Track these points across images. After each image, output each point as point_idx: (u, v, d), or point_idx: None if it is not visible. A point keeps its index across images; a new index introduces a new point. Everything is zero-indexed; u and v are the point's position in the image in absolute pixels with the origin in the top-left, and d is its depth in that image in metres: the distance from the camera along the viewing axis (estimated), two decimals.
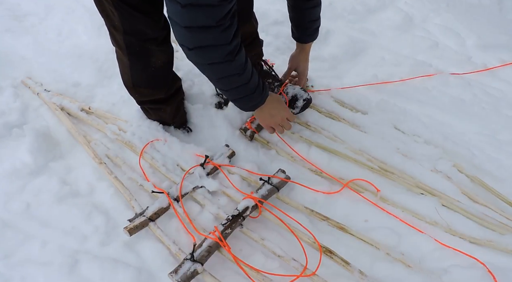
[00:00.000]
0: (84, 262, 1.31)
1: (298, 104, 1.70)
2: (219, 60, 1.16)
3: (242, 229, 1.36)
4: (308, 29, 1.61)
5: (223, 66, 1.18)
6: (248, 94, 1.32)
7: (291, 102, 1.70)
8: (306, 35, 1.64)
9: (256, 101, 1.39)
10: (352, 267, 1.23)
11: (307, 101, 1.70)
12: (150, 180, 1.52)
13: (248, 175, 1.54)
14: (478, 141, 1.69)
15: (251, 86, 1.30)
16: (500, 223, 1.37)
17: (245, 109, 1.43)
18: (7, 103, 1.85)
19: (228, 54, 1.15)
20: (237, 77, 1.23)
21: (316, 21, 1.59)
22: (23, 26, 2.45)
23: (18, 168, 1.57)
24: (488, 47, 2.25)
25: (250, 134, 1.71)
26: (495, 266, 1.24)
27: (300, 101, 1.70)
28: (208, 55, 1.15)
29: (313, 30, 1.62)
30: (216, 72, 1.23)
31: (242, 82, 1.26)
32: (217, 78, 1.25)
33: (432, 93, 1.93)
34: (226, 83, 1.27)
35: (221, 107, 1.81)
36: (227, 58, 1.15)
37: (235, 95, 1.33)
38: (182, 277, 1.20)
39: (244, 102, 1.37)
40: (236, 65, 1.20)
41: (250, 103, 1.39)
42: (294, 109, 1.71)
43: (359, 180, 1.51)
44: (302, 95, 1.70)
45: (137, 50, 1.43)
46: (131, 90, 1.60)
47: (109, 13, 1.34)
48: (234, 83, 1.26)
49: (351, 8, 2.54)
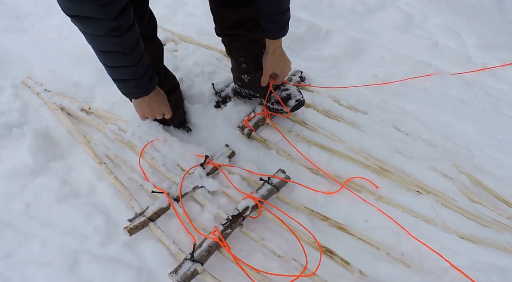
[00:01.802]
0: (84, 262, 1.31)
1: (290, 103, 1.68)
2: (102, 33, 1.12)
3: (242, 229, 1.36)
4: (276, 22, 1.45)
5: (106, 39, 1.15)
6: (132, 79, 1.30)
7: (283, 100, 1.69)
8: (274, 29, 1.47)
9: (139, 89, 1.36)
10: (352, 267, 1.23)
11: (299, 103, 1.68)
12: (150, 180, 1.52)
13: (248, 175, 1.54)
14: (478, 141, 1.69)
15: (138, 72, 1.27)
16: (498, 221, 1.38)
17: (127, 95, 1.40)
18: (7, 103, 1.85)
19: (112, 29, 1.11)
20: (121, 56, 1.20)
21: (284, 14, 1.43)
22: (23, 26, 2.45)
23: (18, 168, 1.57)
24: (488, 47, 2.25)
25: (247, 132, 1.71)
26: (495, 266, 1.24)
27: (293, 101, 1.68)
28: (89, 25, 1.11)
29: (282, 24, 1.46)
30: (98, 43, 1.19)
31: (127, 63, 1.23)
32: (99, 50, 1.21)
33: (432, 93, 1.93)
34: (110, 58, 1.23)
35: (219, 106, 1.82)
36: (111, 33, 1.12)
37: (118, 75, 1.30)
38: (182, 277, 1.20)
39: (127, 86, 1.34)
40: (122, 42, 1.16)
41: (133, 90, 1.37)
42: (284, 108, 1.70)
43: (358, 178, 1.51)
44: (295, 95, 1.69)
45: None
46: None
47: None
48: (118, 61, 1.23)
49: (351, 8, 2.54)
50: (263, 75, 1.63)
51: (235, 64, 1.74)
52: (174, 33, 2.27)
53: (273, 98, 1.71)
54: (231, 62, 1.78)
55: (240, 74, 1.74)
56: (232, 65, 1.78)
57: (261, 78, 1.64)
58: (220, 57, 2.10)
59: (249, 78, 1.73)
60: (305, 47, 2.22)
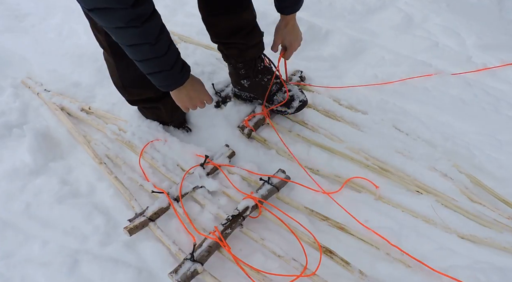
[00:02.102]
0: (84, 262, 1.31)
1: (293, 105, 1.68)
2: (122, 24, 1.09)
3: (242, 229, 1.36)
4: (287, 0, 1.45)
5: (129, 31, 1.12)
6: (164, 70, 1.27)
7: (287, 101, 1.69)
8: (287, 6, 1.47)
9: (173, 80, 1.33)
10: (352, 267, 1.23)
11: (303, 103, 1.69)
12: (150, 180, 1.53)
13: (248, 175, 1.54)
14: (478, 141, 1.69)
15: (168, 62, 1.25)
16: (498, 221, 1.38)
17: (163, 87, 1.36)
18: (7, 103, 1.86)
19: (132, 19, 1.08)
20: (148, 47, 1.17)
21: None
22: (23, 26, 2.45)
23: (18, 168, 1.57)
24: (488, 47, 2.25)
25: (247, 132, 1.71)
26: (495, 266, 1.24)
27: (296, 101, 1.68)
28: (108, 18, 1.09)
29: (295, 1, 1.45)
30: (123, 37, 1.16)
31: (155, 54, 1.21)
32: (126, 44, 1.18)
33: (432, 93, 1.93)
34: (137, 52, 1.20)
35: (219, 106, 1.81)
36: (132, 23, 1.09)
37: (150, 69, 1.27)
38: (182, 277, 1.20)
39: (161, 78, 1.31)
40: (144, 33, 1.13)
41: (167, 81, 1.33)
42: (289, 109, 1.70)
43: (358, 178, 1.51)
44: (299, 96, 1.69)
45: (120, 50, 1.42)
46: (122, 90, 1.61)
47: None
48: (146, 54, 1.20)
49: (351, 8, 2.54)
50: (272, 44, 1.61)
51: (232, 70, 1.73)
52: (174, 33, 2.27)
53: (275, 100, 1.71)
54: (229, 68, 1.77)
55: (239, 79, 1.73)
56: (230, 70, 1.77)
57: (271, 46, 1.62)
58: (220, 57, 2.09)
59: (249, 83, 1.73)
60: (305, 47, 2.21)
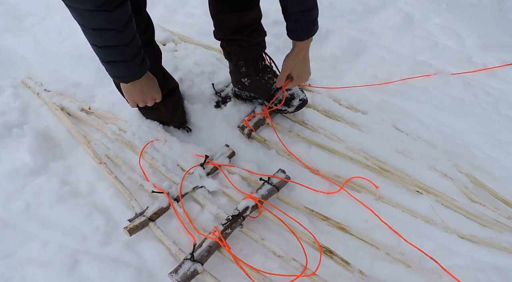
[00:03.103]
0: (84, 262, 1.31)
1: (294, 103, 1.68)
2: (93, 7, 1.07)
3: (242, 229, 1.36)
4: (299, 21, 1.35)
5: (98, 15, 1.10)
6: (125, 60, 1.24)
7: (287, 100, 1.69)
8: (298, 29, 1.39)
9: (132, 71, 1.30)
10: (352, 267, 1.23)
11: (303, 102, 1.69)
12: (150, 180, 1.53)
13: (248, 175, 1.54)
14: (478, 140, 1.69)
15: (130, 52, 1.22)
16: (498, 221, 1.38)
17: (118, 78, 1.33)
18: (7, 103, 1.85)
19: (104, 3, 1.06)
20: (113, 34, 1.15)
21: (309, 12, 1.32)
22: (23, 26, 2.45)
23: (18, 168, 1.57)
24: (488, 47, 2.25)
25: (247, 132, 1.71)
26: (495, 266, 1.24)
27: (296, 100, 1.68)
28: None
29: (307, 24, 1.36)
30: (89, 20, 1.13)
31: (119, 42, 1.18)
32: (90, 27, 1.14)
33: (432, 93, 1.93)
34: (100, 37, 1.17)
35: (219, 106, 1.82)
36: (103, 7, 1.07)
37: (110, 56, 1.23)
38: (182, 277, 1.20)
39: (118, 69, 1.28)
40: (113, 18, 1.11)
41: (125, 72, 1.30)
42: (289, 108, 1.70)
43: (358, 177, 1.51)
44: (299, 94, 1.69)
45: None
46: None
47: None
48: (110, 40, 1.17)
49: (351, 8, 2.54)
50: (280, 75, 1.56)
51: (233, 68, 1.73)
52: (174, 33, 2.27)
53: (276, 100, 1.70)
54: (229, 66, 1.76)
55: (240, 77, 1.72)
56: (231, 68, 1.76)
57: (278, 78, 1.58)
58: (220, 57, 2.10)
59: (249, 82, 1.72)
60: None
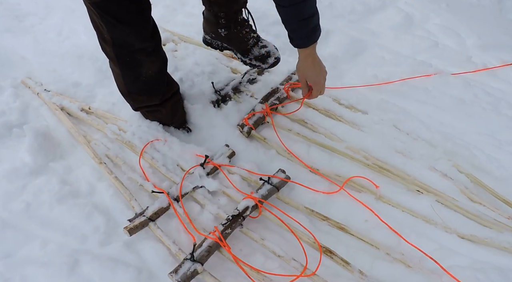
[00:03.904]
0: (84, 262, 1.31)
1: (269, 61, 1.72)
2: None
3: (242, 229, 1.36)
4: (299, 30, 1.34)
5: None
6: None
7: (262, 57, 1.71)
8: (299, 37, 1.37)
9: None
10: (352, 267, 1.23)
11: (277, 60, 1.73)
12: (150, 180, 1.53)
13: (248, 175, 1.54)
14: (478, 140, 1.69)
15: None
16: (498, 221, 1.38)
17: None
18: (7, 103, 1.86)
19: None
20: None
21: (307, 21, 1.30)
22: (23, 26, 2.45)
23: (18, 168, 1.57)
24: (488, 47, 2.25)
25: (247, 130, 1.71)
26: (495, 266, 1.24)
27: (272, 58, 1.72)
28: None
29: (308, 32, 1.34)
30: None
31: None
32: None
33: (432, 93, 1.93)
34: None
35: (218, 105, 1.82)
36: None
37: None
38: (182, 277, 1.20)
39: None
40: None
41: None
42: (263, 64, 1.73)
43: (358, 177, 1.51)
44: (274, 52, 1.73)
45: (127, 61, 1.46)
46: (127, 97, 1.63)
47: (99, 26, 1.39)
48: None
49: (351, 8, 2.53)
50: (302, 87, 1.54)
51: (212, 17, 1.67)
52: (174, 33, 2.27)
53: (251, 55, 1.73)
54: (207, 15, 1.71)
55: (217, 28, 1.70)
56: (208, 17, 1.71)
57: (301, 90, 1.58)
58: (220, 57, 2.10)
59: (226, 33, 1.71)
60: None
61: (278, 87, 1.87)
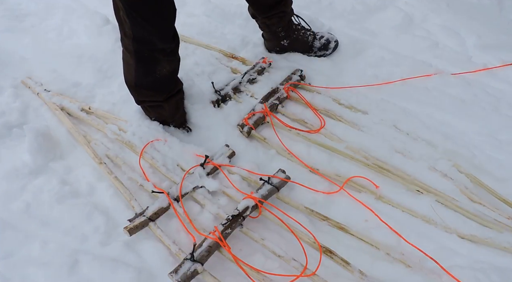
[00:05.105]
0: (84, 262, 1.31)
1: (330, 46, 2.03)
2: None
3: (242, 229, 1.36)
4: None
5: None
6: None
7: (324, 46, 2.01)
8: None
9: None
10: (352, 267, 1.23)
11: (337, 43, 2.04)
12: (150, 180, 1.53)
13: (248, 175, 1.54)
14: (478, 140, 1.69)
15: None
16: (498, 221, 1.38)
17: None
18: (7, 103, 1.86)
19: None
20: None
21: None
22: (23, 26, 2.45)
23: (18, 168, 1.57)
24: (488, 47, 2.24)
25: (247, 130, 1.71)
26: (495, 266, 1.24)
27: (332, 43, 2.02)
28: None
29: None
30: None
31: None
32: None
33: (432, 93, 1.93)
34: None
35: (218, 105, 1.82)
36: None
37: None
38: (182, 277, 1.20)
39: None
40: None
41: None
42: (327, 51, 2.02)
43: (358, 177, 1.51)
44: (332, 38, 2.04)
45: (145, 56, 1.48)
46: (133, 89, 1.63)
47: (122, 20, 1.40)
48: None
49: (351, 8, 2.53)
50: None
51: (272, 36, 1.99)
52: None
53: (314, 48, 2.02)
54: (267, 36, 2.02)
55: (279, 41, 2.01)
56: (268, 38, 2.03)
57: None
58: (220, 57, 2.10)
59: (288, 42, 2.02)
60: None
61: (278, 87, 1.87)
